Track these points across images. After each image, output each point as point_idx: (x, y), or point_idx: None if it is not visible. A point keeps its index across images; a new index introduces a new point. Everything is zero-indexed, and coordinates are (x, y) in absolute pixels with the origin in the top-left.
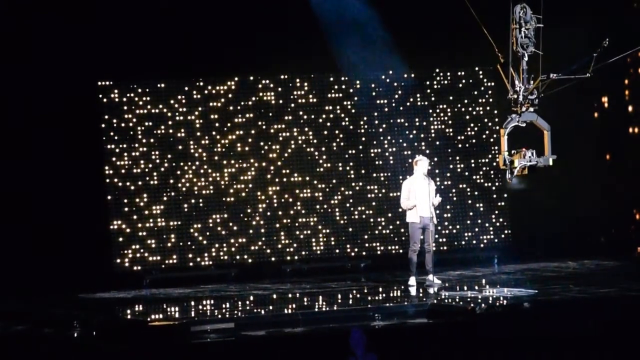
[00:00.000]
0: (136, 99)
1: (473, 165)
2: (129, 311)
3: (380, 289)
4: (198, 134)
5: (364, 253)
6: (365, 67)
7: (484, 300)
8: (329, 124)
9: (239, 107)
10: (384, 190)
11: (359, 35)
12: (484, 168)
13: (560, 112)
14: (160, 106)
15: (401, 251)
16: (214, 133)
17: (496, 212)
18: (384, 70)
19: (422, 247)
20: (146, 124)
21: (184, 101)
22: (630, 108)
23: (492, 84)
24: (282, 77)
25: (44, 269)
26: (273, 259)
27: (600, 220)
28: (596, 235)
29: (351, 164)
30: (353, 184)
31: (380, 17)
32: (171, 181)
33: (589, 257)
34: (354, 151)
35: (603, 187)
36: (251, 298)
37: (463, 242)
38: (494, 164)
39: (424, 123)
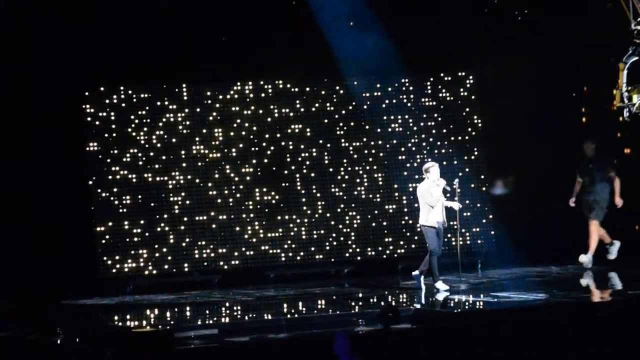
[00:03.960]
0: (122, 103)
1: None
2: (112, 318)
3: (364, 294)
4: (184, 139)
5: (347, 258)
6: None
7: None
8: (309, 129)
9: (224, 113)
10: (370, 196)
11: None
12: (466, 169)
13: None
14: (146, 110)
15: (384, 256)
16: (198, 139)
17: (479, 216)
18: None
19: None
20: (131, 128)
21: (171, 106)
22: None
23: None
24: (261, 82)
25: (27, 274)
26: (257, 264)
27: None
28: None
29: (333, 169)
30: (336, 190)
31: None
32: (156, 187)
33: (573, 261)
34: (337, 156)
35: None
36: (235, 304)
37: (446, 247)
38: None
39: (405, 126)
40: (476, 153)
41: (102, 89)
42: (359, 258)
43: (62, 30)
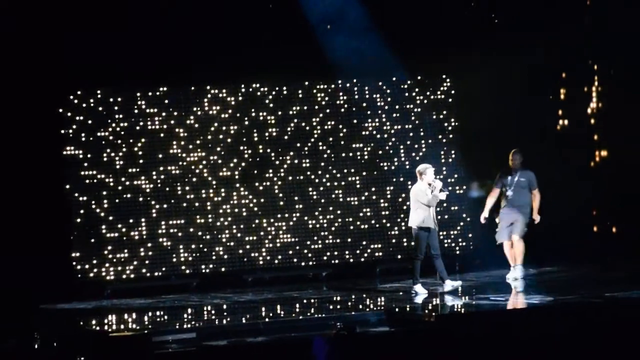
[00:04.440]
0: (99, 107)
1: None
2: (90, 322)
3: (342, 298)
4: (162, 143)
5: (324, 261)
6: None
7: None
8: (287, 132)
9: (201, 116)
10: (348, 199)
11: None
12: (443, 171)
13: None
14: (123, 114)
15: (362, 259)
16: (175, 143)
17: (457, 219)
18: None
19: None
20: (108, 132)
21: (148, 110)
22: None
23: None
24: (240, 85)
25: (4, 278)
26: (234, 268)
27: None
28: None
29: (310, 172)
30: (314, 193)
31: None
32: (133, 191)
33: (551, 263)
34: (314, 159)
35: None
36: (213, 308)
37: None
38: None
39: (382, 129)
40: (453, 155)
41: (79, 92)
42: (337, 261)
43: (39, 33)
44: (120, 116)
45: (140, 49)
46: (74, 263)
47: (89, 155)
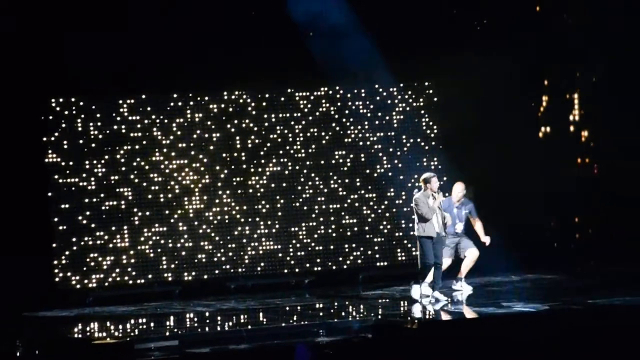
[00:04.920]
0: (82, 114)
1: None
2: (72, 329)
3: (325, 305)
4: (144, 150)
5: (307, 268)
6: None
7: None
8: (271, 139)
9: (184, 124)
10: (330, 206)
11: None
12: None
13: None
14: (106, 122)
15: (345, 266)
16: (158, 150)
17: None
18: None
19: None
20: (90, 139)
21: (130, 117)
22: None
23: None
24: (223, 93)
25: None
26: (217, 276)
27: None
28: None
29: (292, 180)
30: (296, 200)
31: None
32: (116, 198)
33: (532, 271)
34: (296, 167)
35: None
36: (195, 315)
37: (402, 258)
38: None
39: (364, 136)
40: (435, 161)
41: (61, 99)
42: (319, 268)
43: (22, 39)
44: (103, 123)
45: (122, 55)
46: (57, 270)
47: (71, 163)
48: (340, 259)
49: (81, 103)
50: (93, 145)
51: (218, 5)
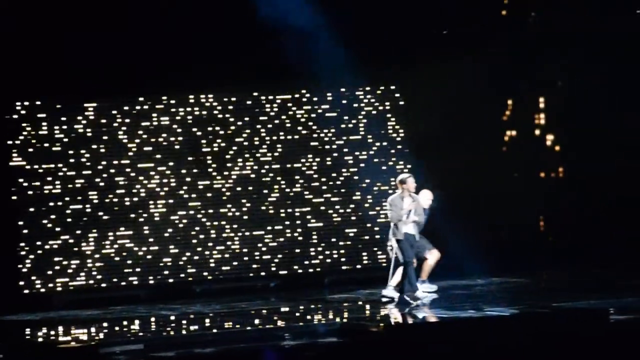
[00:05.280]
0: (48, 117)
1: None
2: (37, 334)
3: (291, 309)
4: (109, 154)
5: (273, 272)
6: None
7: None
8: (238, 143)
9: (150, 127)
10: (296, 209)
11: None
12: (391, 182)
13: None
14: (71, 125)
15: (311, 270)
16: (123, 153)
17: None
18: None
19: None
20: (55, 142)
21: (98, 120)
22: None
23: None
24: (180, 96)
25: None
26: (183, 279)
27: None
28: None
29: (258, 183)
30: (262, 204)
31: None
32: (81, 202)
33: (498, 274)
34: (262, 170)
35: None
36: (161, 319)
37: (365, 261)
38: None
39: (331, 140)
40: (401, 165)
41: (26, 103)
42: (285, 272)
43: None
44: (68, 127)
45: (87, 59)
46: (22, 274)
47: (36, 166)
48: (306, 262)
49: (46, 106)
50: (58, 148)
51: (183, 10)
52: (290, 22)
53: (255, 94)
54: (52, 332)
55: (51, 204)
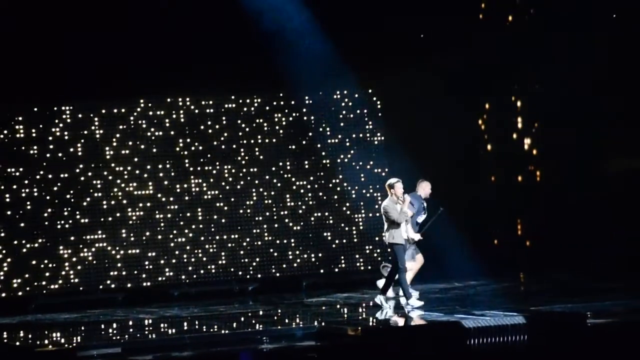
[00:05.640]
0: (23, 120)
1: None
2: (14, 337)
3: (269, 312)
4: (85, 157)
5: (251, 275)
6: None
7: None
8: (215, 146)
9: (125, 131)
10: (274, 213)
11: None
12: (369, 186)
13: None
14: (46, 126)
15: (288, 273)
16: (98, 156)
17: (375, 234)
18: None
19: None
20: (31, 145)
21: (73, 122)
22: None
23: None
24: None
25: None
26: (160, 282)
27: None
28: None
29: (236, 187)
30: (240, 208)
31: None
32: (58, 205)
33: (475, 277)
34: (239, 174)
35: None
36: (138, 322)
37: (343, 265)
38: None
39: (308, 144)
40: (379, 168)
41: (1, 105)
42: (263, 275)
43: None
44: (45, 129)
45: (64, 61)
46: None
47: (12, 169)
48: (284, 265)
49: (22, 109)
50: (35, 151)
51: (160, 13)
52: (268, 26)
53: (233, 97)
54: (30, 336)
55: (28, 206)
